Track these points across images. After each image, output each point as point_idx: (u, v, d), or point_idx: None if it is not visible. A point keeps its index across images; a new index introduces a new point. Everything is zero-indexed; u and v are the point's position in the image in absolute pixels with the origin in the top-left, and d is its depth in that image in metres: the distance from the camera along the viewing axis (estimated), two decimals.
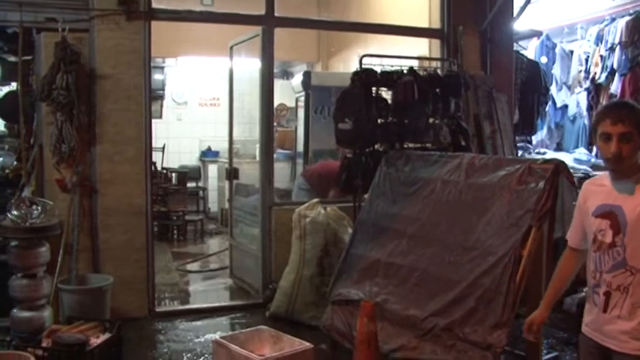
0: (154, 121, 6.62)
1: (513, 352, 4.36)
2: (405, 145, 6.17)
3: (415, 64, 6.98)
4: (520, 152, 7.49)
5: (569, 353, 4.89)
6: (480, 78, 6.98)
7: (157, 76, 10.48)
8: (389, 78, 6.52)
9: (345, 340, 4.75)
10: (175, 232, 10.06)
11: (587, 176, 6.53)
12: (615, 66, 7.93)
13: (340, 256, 5.38)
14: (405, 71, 6.57)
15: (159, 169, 10.33)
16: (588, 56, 8.37)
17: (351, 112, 6.31)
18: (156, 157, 9.11)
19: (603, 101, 7.99)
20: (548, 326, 4.30)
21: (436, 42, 7.52)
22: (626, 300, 2.96)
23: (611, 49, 8.00)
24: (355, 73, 6.47)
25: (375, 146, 6.15)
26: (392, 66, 6.53)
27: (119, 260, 6.03)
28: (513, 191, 4.31)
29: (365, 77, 6.44)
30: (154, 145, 6.59)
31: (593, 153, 7.98)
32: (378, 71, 6.49)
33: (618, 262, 2.97)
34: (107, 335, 4.89)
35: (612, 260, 2.99)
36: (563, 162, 4.36)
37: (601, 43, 8.22)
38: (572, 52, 8.65)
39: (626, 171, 2.99)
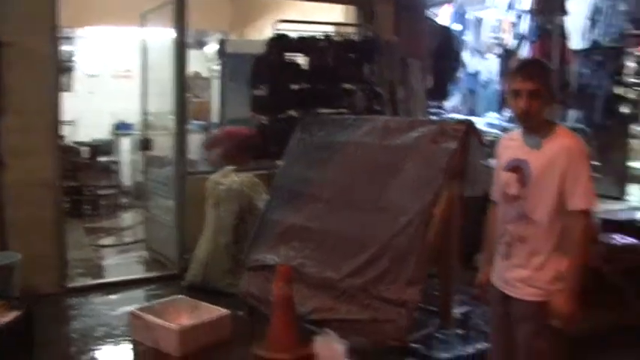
0: (64, 94, 6.38)
1: (427, 308, 4.44)
2: (320, 111, 6.15)
3: (331, 30, 6.96)
4: (433, 118, 7.59)
5: (480, 308, 5.00)
6: (393, 44, 7.02)
7: (66, 47, 10.08)
8: (304, 44, 6.51)
9: (261, 305, 4.72)
10: (88, 207, 9.78)
11: (497, 139, 6.68)
12: (525, 33, 8.10)
13: (256, 222, 5.34)
14: (320, 37, 6.55)
15: (70, 143, 9.99)
16: (499, 23, 8.52)
17: (266, 79, 6.26)
18: (66, 130, 8.80)
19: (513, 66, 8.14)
20: (460, 283, 4.38)
21: (352, 8, 7.50)
22: (523, 250, 3.08)
23: (521, 17, 8.17)
24: (271, 39, 6.41)
25: (291, 112, 6.11)
26: (307, 32, 6.50)
27: (28, 236, 5.79)
28: (426, 152, 4.36)
29: (280, 43, 6.39)
30: (65, 119, 6.36)
31: (504, 117, 8.16)
32: (294, 37, 6.45)
33: (520, 213, 3.08)
34: (16, 313, 4.70)
35: (515, 212, 3.09)
36: (472, 122, 4.44)
37: (511, 10, 8.37)
38: (482, 19, 8.79)
39: (535, 127, 3.09)
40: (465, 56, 8.72)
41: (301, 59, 6.58)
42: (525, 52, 8.06)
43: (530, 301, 3.07)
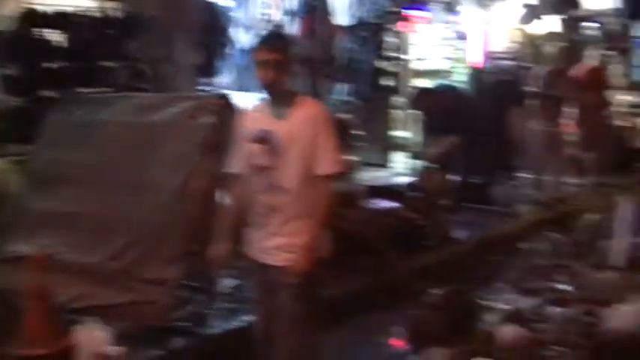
0: None
1: (191, 285, 4.40)
2: (80, 90, 5.84)
3: (91, 5, 6.60)
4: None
5: (249, 280, 5.05)
6: (158, 19, 6.81)
7: None
8: (61, 20, 6.13)
9: (19, 299, 4.40)
10: None
11: None
12: (293, 8, 8.28)
13: (9, 211, 4.97)
14: (79, 13, 6.22)
15: None
16: None
17: (16, 57, 5.83)
18: None
19: None
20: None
21: None
22: (278, 218, 3.13)
23: None
24: (22, 15, 5.96)
25: (47, 92, 5.74)
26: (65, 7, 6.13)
27: None
28: (184, 127, 4.32)
29: (32, 19, 5.97)
30: None
31: None
32: (49, 13, 6.05)
33: (271, 183, 3.12)
34: None
35: (266, 182, 3.13)
36: (229, 96, 4.45)
37: None
38: None
39: (281, 97, 3.16)
40: (236, 32, 8.72)
41: (58, 36, 6.19)
42: (294, 28, 8.25)
43: (285, 266, 3.14)
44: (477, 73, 8.75)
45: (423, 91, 7.88)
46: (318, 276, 3.22)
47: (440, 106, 7.18)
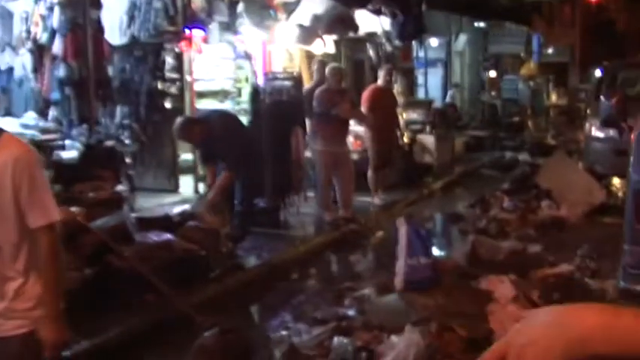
0: None
1: None
2: None
3: None
4: None
5: None
6: None
7: None
8: None
9: None
10: None
11: (33, 141, 6.04)
12: (56, 26, 7.60)
13: None
14: None
15: None
16: (28, 15, 7.87)
17: None
18: None
19: (47, 62, 7.62)
20: None
21: None
22: None
23: (51, 9, 7.65)
24: None
25: None
26: None
27: None
28: None
29: None
30: None
31: (46, 117, 7.59)
32: None
33: None
34: None
35: None
36: None
37: (40, 2, 7.80)
38: (12, 11, 8.03)
39: None
40: None
41: None
42: (57, 46, 7.55)
43: (14, 335, 2.62)
44: (257, 94, 8.47)
45: (187, 121, 7.00)
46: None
47: (207, 134, 6.52)
